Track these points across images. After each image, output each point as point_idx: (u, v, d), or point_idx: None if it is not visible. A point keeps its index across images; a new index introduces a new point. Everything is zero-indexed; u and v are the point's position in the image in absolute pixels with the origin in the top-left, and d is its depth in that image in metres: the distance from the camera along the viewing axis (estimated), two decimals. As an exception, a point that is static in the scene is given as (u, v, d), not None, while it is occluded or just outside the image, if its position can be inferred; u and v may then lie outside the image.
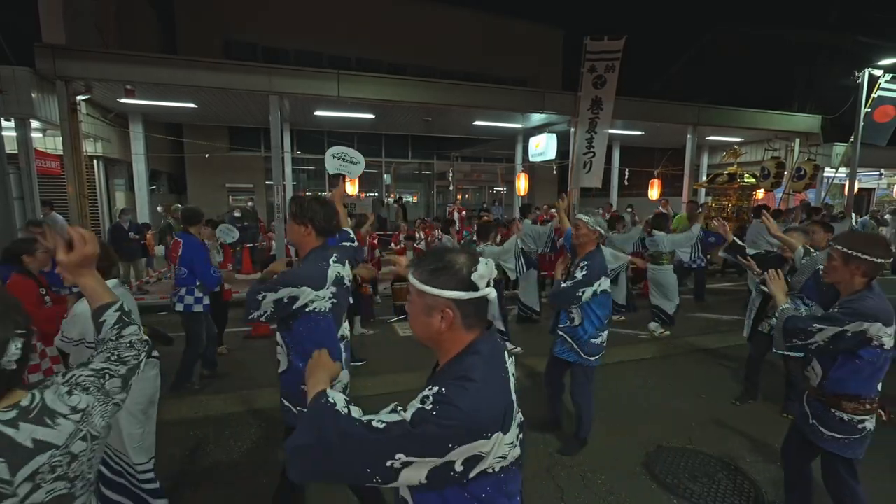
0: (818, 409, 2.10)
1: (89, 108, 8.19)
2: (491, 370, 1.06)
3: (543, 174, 15.02)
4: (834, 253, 2.04)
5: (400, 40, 14.90)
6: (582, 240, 3.03)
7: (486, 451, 0.98)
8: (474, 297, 1.06)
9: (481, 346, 1.08)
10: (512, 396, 1.07)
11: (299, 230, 2.09)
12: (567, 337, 3.11)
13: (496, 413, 1.01)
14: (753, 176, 9.76)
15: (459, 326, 1.08)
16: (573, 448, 3.21)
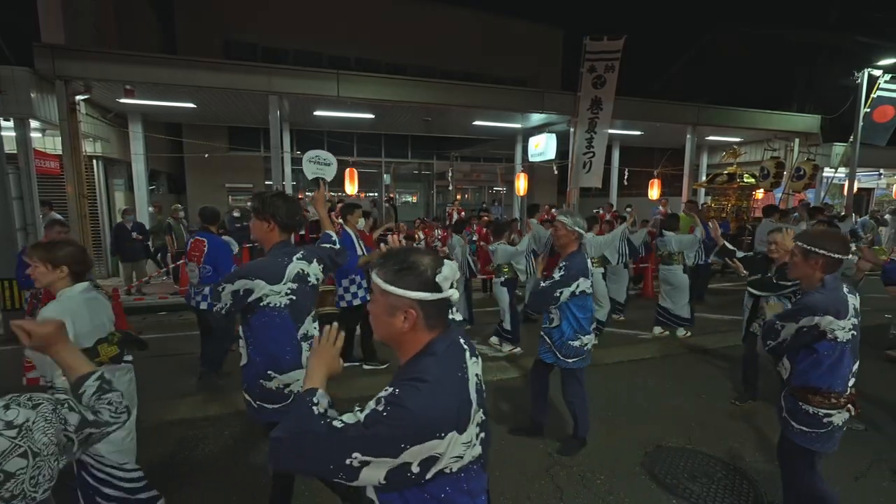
0: (790, 403, 2.16)
1: (88, 108, 8.18)
2: (446, 370, 1.07)
3: (543, 174, 15.02)
4: (795, 249, 2.10)
5: (399, 40, 14.90)
6: (562, 241, 3.00)
7: (441, 451, 0.99)
8: (438, 298, 1.07)
9: (437, 347, 1.09)
10: (470, 395, 1.08)
11: (262, 226, 2.09)
12: (546, 337, 3.11)
13: (449, 413, 1.01)
14: (753, 176, 9.77)
15: (422, 327, 1.09)
16: (572, 448, 3.20)
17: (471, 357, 1.16)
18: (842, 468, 3.04)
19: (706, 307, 7.26)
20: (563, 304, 2.96)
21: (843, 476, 2.96)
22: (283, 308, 2.05)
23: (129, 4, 10.50)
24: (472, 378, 1.12)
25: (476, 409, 1.09)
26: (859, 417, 1.96)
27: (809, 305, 2.00)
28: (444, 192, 16.74)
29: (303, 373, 2.13)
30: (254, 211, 2.10)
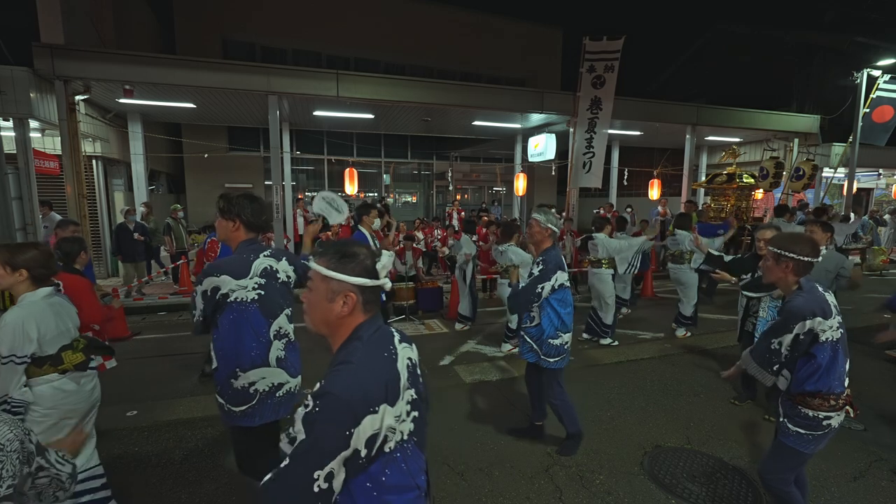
0: (788, 408, 2.14)
1: (88, 108, 8.18)
2: (371, 351, 1.14)
3: (542, 174, 15.03)
4: (767, 254, 2.08)
5: (399, 40, 14.90)
6: (536, 238, 2.98)
7: (378, 426, 1.05)
8: (377, 285, 1.18)
9: (364, 332, 1.17)
10: (398, 373, 1.14)
11: (227, 226, 2.09)
12: (526, 337, 3.08)
13: (378, 387, 1.08)
14: (752, 176, 9.76)
15: (359, 311, 1.17)
16: (571, 447, 3.17)
17: (401, 342, 1.22)
18: (841, 468, 3.05)
19: (706, 308, 7.27)
20: (544, 301, 2.94)
21: (842, 476, 2.97)
22: (251, 303, 2.05)
23: (127, 4, 10.50)
24: (403, 359, 1.18)
25: (406, 385, 1.15)
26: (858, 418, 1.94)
27: (795, 311, 1.97)
28: (444, 192, 16.74)
29: (269, 371, 2.11)
30: (219, 211, 2.10)
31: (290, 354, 2.23)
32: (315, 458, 1.00)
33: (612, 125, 9.80)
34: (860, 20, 17.32)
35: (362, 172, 13.47)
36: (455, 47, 15.51)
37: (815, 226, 4.16)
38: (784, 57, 17.04)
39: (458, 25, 15.63)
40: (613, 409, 3.86)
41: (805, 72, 16.68)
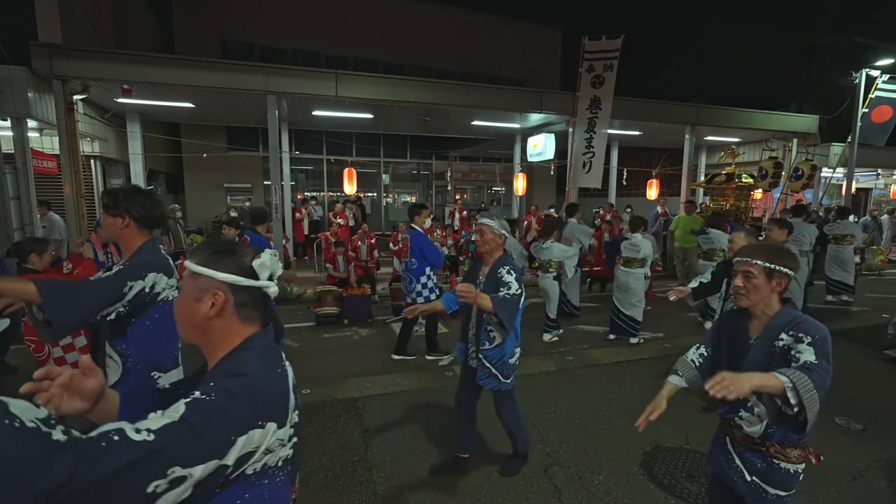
0: (758, 463, 1.69)
1: (86, 107, 8.16)
2: (266, 364, 1.02)
3: (542, 174, 15.02)
4: (752, 269, 1.67)
5: (398, 40, 14.89)
6: (488, 245, 2.71)
7: (257, 445, 0.90)
8: (252, 285, 1.05)
9: (255, 343, 1.05)
10: (289, 393, 1.03)
11: (115, 223, 1.90)
12: (486, 361, 2.74)
13: (272, 402, 0.96)
14: (751, 176, 9.77)
15: (231, 315, 1.03)
16: (514, 466, 2.99)
17: (285, 361, 1.11)
18: (840, 468, 3.05)
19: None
20: None
21: (841, 476, 2.97)
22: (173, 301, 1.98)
23: (126, 4, 10.48)
24: (291, 379, 1.08)
25: (293, 407, 1.04)
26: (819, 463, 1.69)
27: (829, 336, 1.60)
28: (444, 192, 16.74)
29: (177, 371, 2.02)
30: (105, 207, 1.91)
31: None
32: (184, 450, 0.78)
33: (611, 125, 9.80)
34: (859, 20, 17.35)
35: (361, 172, 13.46)
36: (454, 47, 15.50)
37: (772, 224, 4.09)
38: (783, 57, 17.06)
39: (457, 25, 15.62)
40: (613, 409, 3.86)
41: (804, 72, 16.70)
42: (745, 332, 1.74)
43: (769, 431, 1.63)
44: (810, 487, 2.85)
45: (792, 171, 11.01)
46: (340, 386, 4.26)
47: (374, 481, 2.87)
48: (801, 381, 1.38)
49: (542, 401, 4.00)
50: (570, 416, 3.74)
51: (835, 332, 5.75)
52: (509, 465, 3.00)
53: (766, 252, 1.69)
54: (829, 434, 3.47)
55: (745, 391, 1.34)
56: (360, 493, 2.77)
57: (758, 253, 1.69)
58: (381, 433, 3.45)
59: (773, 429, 1.61)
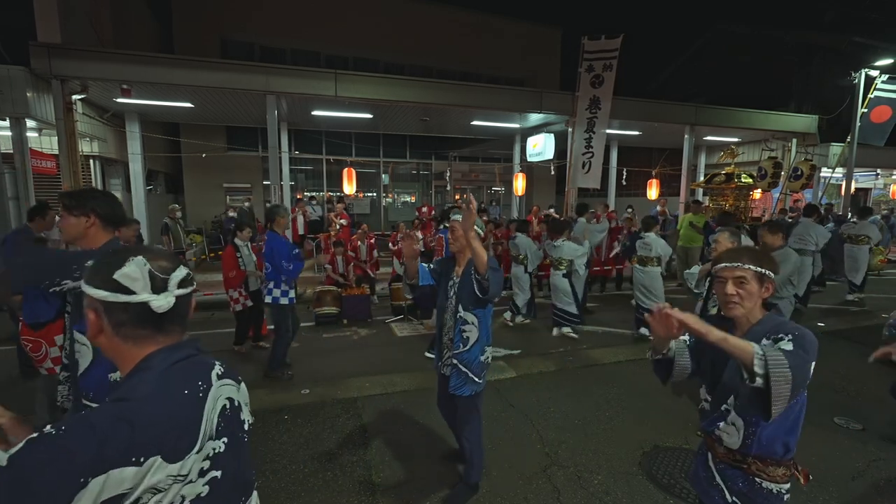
0: (738, 482, 1.57)
1: (85, 107, 8.15)
2: (162, 387, 0.87)
3: (541, 174, 15.02)
4: (744, 275, 1.56)
5: (397, 40, 14.88)
6: (459, 242, 2.57)
7: (131, 485, 0.78)
8: (120, 300, 0.89)
9: (156, 361, 0.91)
10: (200, 418, 0.89)
11: (80, 223, 1.84)
12: (461, 365, 2.56)
13: (151, 434, 0.81)
14: (751, 176, 9.77)
15: (111, 335, 0.91)
16: (463, 497, 2.71)
17: (221, 378, 0.99)
18: (839, 468, 3.05)
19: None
20: (483, 312, 2.56)
21: (840, 476, 2.97)
22: None
23: (126, 4, 10.47)
24: (216, 400, 0.94)
25: (211, 434, 0.91)
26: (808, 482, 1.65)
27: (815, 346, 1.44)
28: (443, 192, 16.73)
29: None
30: (66, 208, 1.84)
31: None
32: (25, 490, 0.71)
33: (610, 125, 9.80)
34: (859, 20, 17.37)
35: (361, 172, 13.46)
36: (454, 47, 15.49)
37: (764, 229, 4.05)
38: (783, 57, 17.08)
39: (457, 25, 15.61)
40: (612, 409, 3.85)
41: (804, 72, 16.72)
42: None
43: (747, 443, 1.53)
44: (810, 487, 2.85)
45: (791, 171, 11.01)
46: (339, 386, 4.26)
47: (373, 481, 2.87)
48: (773, 354, 1.31)
49: (542, 401, 3.99)
50: (570, 415, 3.74)
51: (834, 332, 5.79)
52: (454, 496, 2.72)
53: (753, 256, 1.59)
54: (828, 434, 3.47)
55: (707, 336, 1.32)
56: (359, 493, 2.77)
57: (745, 257, 1.59)
58: (381, 433, 3.45)
59: (750, 440, 1.52)
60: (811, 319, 6.59)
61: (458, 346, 2.57)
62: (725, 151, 9.82)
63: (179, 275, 0.96)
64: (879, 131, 10.63)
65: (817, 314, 6.91)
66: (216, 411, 0.94)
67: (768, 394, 1.30)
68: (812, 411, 3.78)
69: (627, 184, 13.88)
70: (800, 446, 1.58)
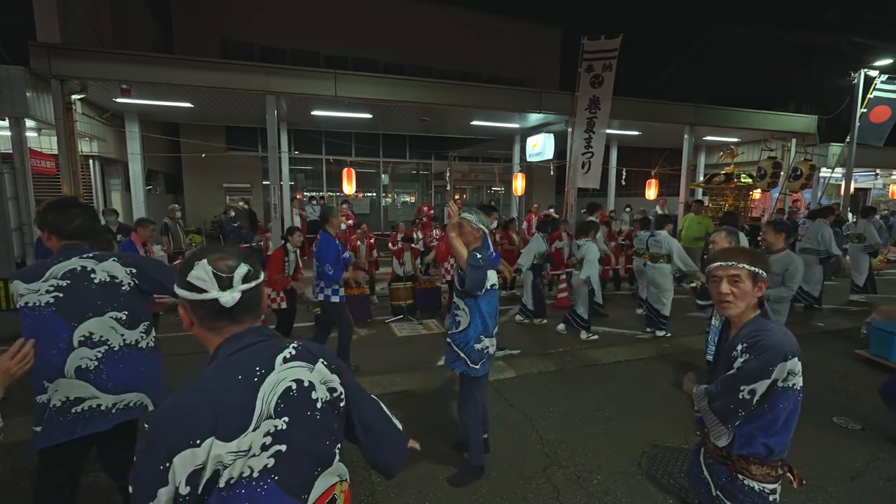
0: (722, 477, 1.65)
1: (85, 107, 8.14)
2: (219, 374, 1.00)
3: (541, 174, 15.02)
4: (739, 273, 1.59)
5: (397, 40, 14.88)
6: (468, 238, 2.82)
7: (202, 461, 0.91)
8: (196, 298, 1.02)
9: (221, 352, 1.05)
10: (252, 400, 0.99)
11: (43, 236, 2.05)
12: (453, 345, 2.85)
13: (201, 417, 0.93)
14: (750, 176, 9.78)
15: (199, 327, 1.07)
16: (468, 478, 2.89)
17: (288, 361, 1.07)
18: (838, 467, 3.05)
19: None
20: (473, 302, 2.76)
21: (839, 475, 2.97)
22: (46, 306, 1.89)
23: (125, 3, 10.46)
24: (275, 383, 1.03)
25: (269, 414, 1.00)
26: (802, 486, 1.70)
27: (778, 347, 1.49)
28: (443, 192, 16.74)
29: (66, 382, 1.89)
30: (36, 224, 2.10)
31: (109, 366, 1.96)
32: (141, 489, 0.90)
33: (610, 125, 9.79)
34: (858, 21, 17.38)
35: (360, 172, 13.46)
36: (454, 47, 15.50)
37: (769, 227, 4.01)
38: (783, 57, 17.09)
39: (457, 25, 15.62)
40: (611, 409, 3.86)
41: (803, 72, 16.74)
42: (725, 341, 1.74)
43: (733, 442, 1.60)
44: (809, 487, 2.85)
45: (791, 171, 11.02)
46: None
47: (372, 481, 2.87)
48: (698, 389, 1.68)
49: (541, 401, 4.00)
50: (569, 416, 3.74)
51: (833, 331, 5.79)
52: (459, 477, 2.89)
53: (746, 255, 1.62)
54: (827, 434, 3.47)
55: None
56: (358, 492, 2.77)
57: (739, 256, 1.62)
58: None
59: (737, 444, 1.59)
60: (811, 319, 6.60)
61: (452, 327, 2.89)
62: (725, 151, 9.83)
63: (242, 271, 1.06)
64: (878, 131, 10.64)
65: (816, 314, 6.92)
66: (276, 393, 1.02)
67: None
68: (812, 411, 3.80)
69: (627, 184, 13.88)
70: (799, 445, 1.59)
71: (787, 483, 1.66)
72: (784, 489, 1.67)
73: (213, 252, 1.06)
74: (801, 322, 6.52)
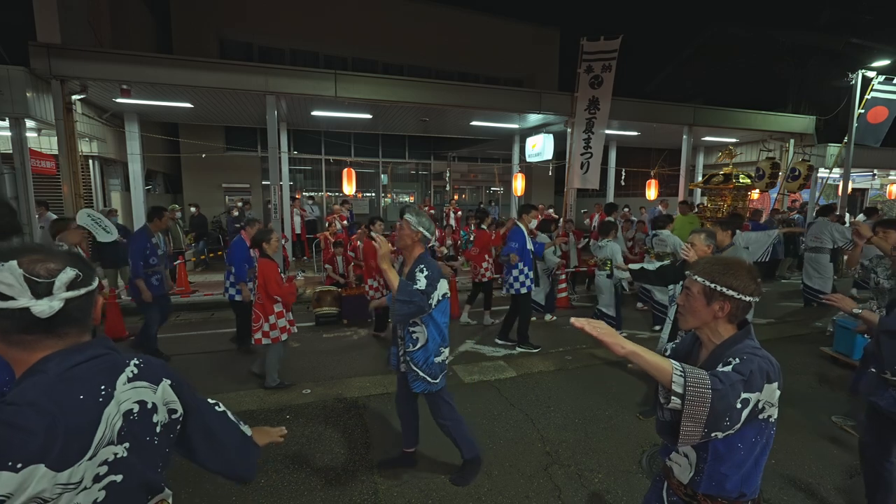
0: None
1: (84, 107, 8.14)
2: (56, 392, 0.85)
3: (540, 174, 15.06)
4: (691, 287, 1.43)
5: (397, 40, 14.90)
6: (405, 241, 2.61)
7: (10, 490, 0.76)
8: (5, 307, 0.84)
9: (51, 365, 0.88)
10: (97, 423, 0.86)
11: None
12: (413, 364, 2.67)
13: (32, 441, 0.78)
14: (748, 176, 9.81)
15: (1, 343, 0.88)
16: (469, 474, 2.88)
17: (131, 381, 0.95)
18: (838, 466, 3.08)
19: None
20: (427, 317, 2.60)
21: (838, 474, 3.00)
22: None
23: (124, 3, 10.46)
24: (121, 404, 0.91)
25: (111, 440, 0.88)
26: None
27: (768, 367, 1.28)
28: (442, 193, 16.77)
29: None
30: None
31: None
32: None
33: (609, 125, 9.82)
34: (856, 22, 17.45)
35: (360, 172, 13.47)
36: (454, 48, 15.52)
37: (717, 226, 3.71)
38: (781, 58, 17.14)
39: (456, 26, 15.64)
40: (612, 408, 3.88)
41: (801, 73, 16.78)
42: (693, 359, 1.51)
43: (696, 479, 1.41)
44: (808, 485, 2.88)
45: (789, 171, 11.06)
46: (341, 386, 4.27)
47: (375, 481, 2.89)
48: (695, 372, 1.20)
49: (542, 400, 4.02)
50: (570, 415, 3.76)
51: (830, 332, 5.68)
52: (460, 475, 2.88)
53: (712, 267, 1.41)
54: (825, 433, 3.49)
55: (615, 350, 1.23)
56: (361, 492, 2.79)
57: (704, 267, 1.43)
58: (382, 433, 3.47)
59: (699, 476, 1.40)
60: (811, 318, 6.63)
61: (408, 345, 2.67)
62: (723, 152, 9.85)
63: (66, 277, 0.90)
64: (876, 132, 10.68)
65: (817, 313, 6.95)
66: (119, 415, 0.91)
67: (681, 413, 1.19)
68: (810, 410, 3.81)
69: (626, 184, 13.92)
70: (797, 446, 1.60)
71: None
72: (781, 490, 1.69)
73: (29, 252, 0.89)
74: (803, 322, 6.56)
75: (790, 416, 3.65)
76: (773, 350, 1.41)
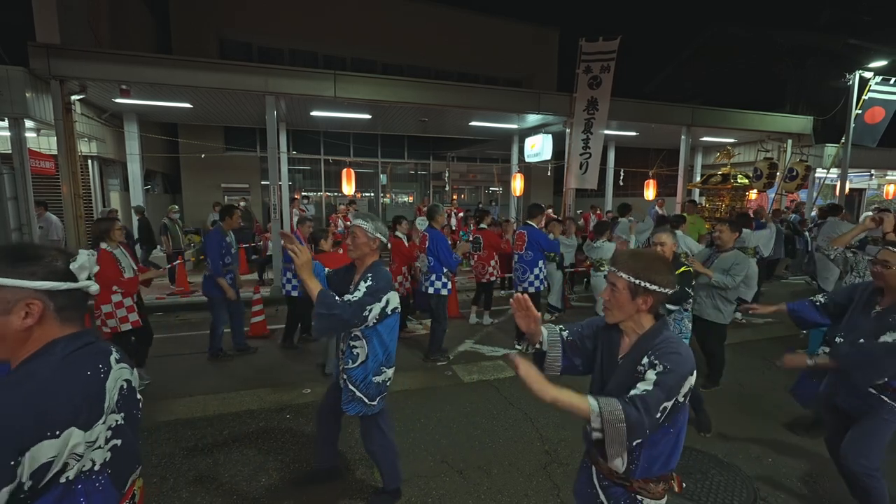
0: (621, 500, 1.54)
1: (84, 107, 8.14)
2: (66, 369, 0.98)
3: (539, 175, 15.09)
4: (616, 282, 1.49)
5: (396, 41, 14.91)
6: (360, 250, 2.37)
7: (56, 452, 0.91)
8: (73, 287, 1.04)
9: (58, 348, 1.01)
10: (103, 393, 1.02)
11: None
12: (350, 383, 2.41)
13: (61, 407, 0.93)
14: (746, 177, 9.85)
15: (52, 321, 1.02)
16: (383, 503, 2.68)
17: (119, 362, 1.11)
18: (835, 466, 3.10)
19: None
20: (370, 332, 2.35)
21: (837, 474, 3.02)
22: None
23: (123, 3, 10.45)
24: (115, 380, 1.07)
25: (113, 408, 1.05)
26: (682, 490, 1.60)
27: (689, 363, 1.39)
28: (441, 193, 16.79)
29: None
30: None
31: None
32: None
33: (608, 126, 9.84)
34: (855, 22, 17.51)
35: (359, 172, 13.48)
36: (453, 48, 15.53)
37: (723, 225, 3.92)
38: (779, 58, 17.19)
39: (456, 26, 15.65)
40: (610, 408, 3.89)
41: (800, 73, 16.83)
42: (616, 347, 1.56)
43: (631, 468, 1.48)
44: (808, 484, 2.91)
45: (786, 171, 11.10)
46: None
47: (375, 479, 2.90)
48: (610, 410, 1.31)
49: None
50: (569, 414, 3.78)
51: (828, 330, 5.62)
52: (373, 501, 2.69)
53: (634, 263, 1.48)
54: (823, 432, 3.51)
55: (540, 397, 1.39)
56: (361, 490, 2.81)
57: (627, 263, 1.49)
58: (382, 432, 3.48)
59: (634, 465, 1.47)
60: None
61: (347, 361, 2.42)
62: (721, 152, 9.89)
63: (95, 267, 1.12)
64: (873, 132, 10.73)
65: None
66: (116, 389, 1.08)
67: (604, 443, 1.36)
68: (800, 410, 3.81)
69: (625, 184, 13.95)
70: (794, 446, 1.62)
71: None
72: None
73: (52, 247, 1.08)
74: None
75: (784, 416, 3.68)
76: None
